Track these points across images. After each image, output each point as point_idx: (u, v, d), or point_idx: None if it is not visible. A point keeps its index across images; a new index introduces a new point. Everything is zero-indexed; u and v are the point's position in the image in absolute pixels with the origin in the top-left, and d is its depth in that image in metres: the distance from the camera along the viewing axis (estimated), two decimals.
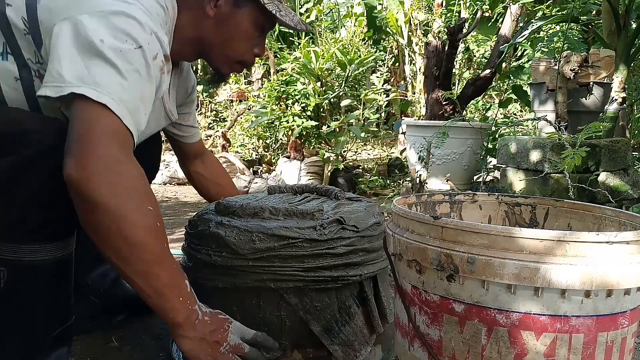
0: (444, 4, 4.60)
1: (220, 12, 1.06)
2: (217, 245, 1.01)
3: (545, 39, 3.57)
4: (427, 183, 2.93)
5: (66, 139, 0.77)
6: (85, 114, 0.76)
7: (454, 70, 3.91)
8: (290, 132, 4.02)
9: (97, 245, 0.79)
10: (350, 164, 4.22)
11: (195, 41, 1.09)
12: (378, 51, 5.57)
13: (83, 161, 0.74)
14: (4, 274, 0.86)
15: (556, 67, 2.73)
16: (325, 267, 0.99)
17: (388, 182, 3.94)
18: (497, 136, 3.38)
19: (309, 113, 4.02)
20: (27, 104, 0.89)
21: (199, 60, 1.36)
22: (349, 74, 4.11)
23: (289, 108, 4.07)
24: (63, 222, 0.88)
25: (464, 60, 5.09)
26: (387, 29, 5.29)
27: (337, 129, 4.06)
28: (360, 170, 4.08)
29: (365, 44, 5.07)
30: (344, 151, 4.21)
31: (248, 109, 4.87)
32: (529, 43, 3.79)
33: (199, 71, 5.53)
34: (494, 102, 5.25)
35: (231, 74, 1.13)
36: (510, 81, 4.07)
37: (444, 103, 3.44)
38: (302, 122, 3.87)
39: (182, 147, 1.42)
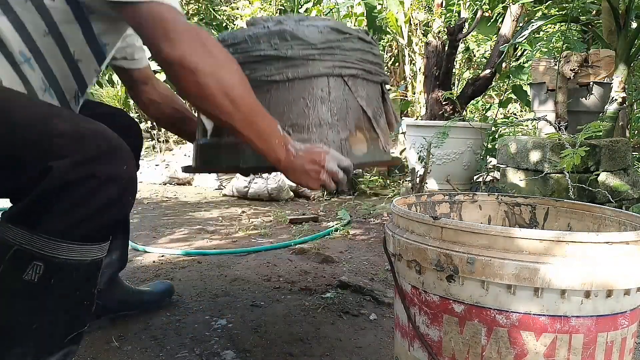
0: (444, 4, 4.59)
1: None
2: (283, 39, 1.08)
3: (545, 39, 3.57)
4: (427, 183, 2.93)
5: (146, 35, 0.88)
6: (153, 12, 0.87)
7: (454, 70, 3.91)
8: None
9: (203, 110, 0.93)
10: None
11: None
12: None
13: (175, 42, 0.86)
14: (40, 269, 0.86)
15: (556, 67, 2.73)
16: (370, 62, 1.17)
17: (388, 182, 3.94)
18: (497, 136, 3.38)
19: None
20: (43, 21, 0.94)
21: None
22: None
23: None
24: (107, 225, 0.89)
25: (464, 60, 5.09)
26: (387, 29, 5.28)
27: None
28: (360, 170, 4.07)
29: None
30: None
31: None
32: (529, 43, 3.79)
33: None
34: (494, 102, 5.25)
35: None
36: (510, 81, 4.07)
37: (444, 103, 3.44)
38: None
39: (131, 75, 1.40)
